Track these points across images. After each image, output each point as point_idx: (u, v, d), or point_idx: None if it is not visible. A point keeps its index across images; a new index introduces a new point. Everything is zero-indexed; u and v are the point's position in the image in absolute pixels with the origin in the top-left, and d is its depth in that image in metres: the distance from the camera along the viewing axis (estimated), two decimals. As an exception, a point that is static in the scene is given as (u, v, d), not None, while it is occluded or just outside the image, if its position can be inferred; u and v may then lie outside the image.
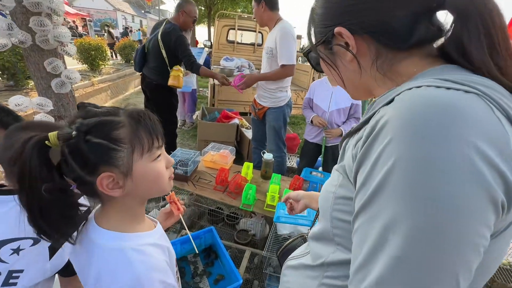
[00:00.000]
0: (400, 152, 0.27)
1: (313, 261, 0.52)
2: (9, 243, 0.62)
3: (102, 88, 5.68)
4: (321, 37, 0.43)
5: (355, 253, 0.33)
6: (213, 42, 5.44)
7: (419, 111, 0.28)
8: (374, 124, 0.32)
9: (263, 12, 1.84)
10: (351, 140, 0.42)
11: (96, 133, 0.45)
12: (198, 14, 2.99)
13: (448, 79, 0.30)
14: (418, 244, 0.26)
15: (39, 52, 1.04)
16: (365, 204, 0.31)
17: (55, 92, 1.12)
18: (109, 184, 0.48)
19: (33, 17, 0.95)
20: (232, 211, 1.99)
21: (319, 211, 0.68)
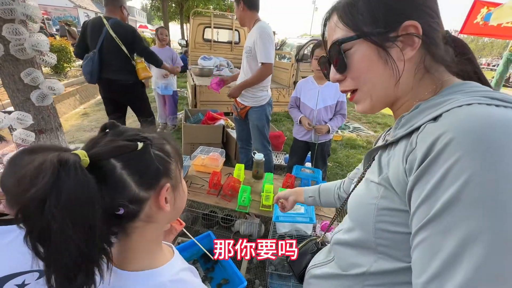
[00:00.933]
0: (474, 168, 0.29)
1: (343, 270, 0.53)
2: (13, 278, 0.57)
3: (70, 92, 5.29)
4: (385, 27, 0.41)
5: (423, 264, 0.33)
6: (188, 41, 5.29)
7: (485, 128, 0.30)
8: (432, 142, 0.33)
9: (242, 12, 1.88)
10: (390, 153, 0.44)
11: (156, 146, 0.45)
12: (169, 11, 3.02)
13: (492, 97, 0.34)
14: (504, 253, 0.28)
15: (14, 62, 0.95)
16: (434, 217, 0.32)
17: (34, 105, 1.03)
18: (167, 197, 0.46)
19: (6, 24, 0.87)
20: (226, 213, 1.99)
21: (337, 216, 0.72)
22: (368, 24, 0.42)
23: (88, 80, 2.24)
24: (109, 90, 2.33)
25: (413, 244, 0.36)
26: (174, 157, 0.49)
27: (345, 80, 0.48)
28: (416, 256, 0.35)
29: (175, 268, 0.50)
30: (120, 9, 2.22)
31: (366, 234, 0.47)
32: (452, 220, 0.31)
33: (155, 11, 11.40)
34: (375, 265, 0.46)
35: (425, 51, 0.42)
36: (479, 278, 0.28)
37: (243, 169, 1.88)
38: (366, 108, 0.48)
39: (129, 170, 0.40)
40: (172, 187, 0.47)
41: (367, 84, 0.46)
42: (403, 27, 0.40)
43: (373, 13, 0.41)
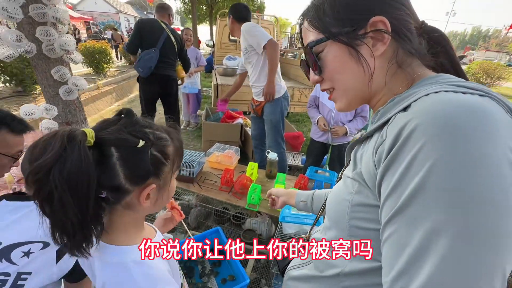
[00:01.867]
0: (438, 154, 0.28)
1: (320, 271, 0.52)
2: (21, 246, 0.65)
3: (108, 90, 5.75)
4: (352, 26, 0.40)
5: (391, 260, 0.32)
6: (215, 42, 5.44)
7: (449, 113, 0.29)
8: (399, 131, 0.32)
9: (231, 24, 2.09)
10: (364, 147, 0.43)
11: (157, 146, 0.47)
12: (200, 13, 3.48)
13: (460, 85, 0.33)
14: (469, 243, 0.26)
15: (46, 60, 1.07)
16: (400, 208, 0.31)
17: (62, 99, 1.14)
18: (149, 195, 0.49)
19: (39, 27, 0.98)
20: (238, 211, 2.01)
21: (319, 215, 0.69)
22: (335, 25, 0.42)
23: (142, 73, 2.49)
24: (158, 84, 2.65)
25: (382, 239, 0.34)
26: (173, 159, 0.51)
27: (323, 81, 0.49)
28: (384, 252, 0.33)
29: None
30: (168, 16, 2.63)
31: (341, 232, 0.45)
32: (417, 211, 0.29)
33: (187, 14, 11.94)
34: (349, 265, 0.45)
35: (397, 44, 0.40)
36: (445, 272, 0.27)
37: (256, 167, 1.88)
38: (343, 106, 0.48)
39: (122, 162, 0.43)
40: (158, 187, 0.50)
41: (341, 83, 0.46)
42: (370, 23, 0.39)
43: (338, 14, 0.41)
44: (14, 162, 0.85)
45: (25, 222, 0.68)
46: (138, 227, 0.57)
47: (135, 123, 0.47)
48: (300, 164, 2.72)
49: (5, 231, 0.67)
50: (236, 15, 2.03)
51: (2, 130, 0.79)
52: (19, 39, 0.95)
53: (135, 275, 0.48)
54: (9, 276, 0.63)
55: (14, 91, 4.55)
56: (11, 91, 4.57)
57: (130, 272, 0.48)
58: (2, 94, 4.45)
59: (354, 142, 0.48)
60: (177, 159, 0.53)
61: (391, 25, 0.39)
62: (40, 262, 0.66)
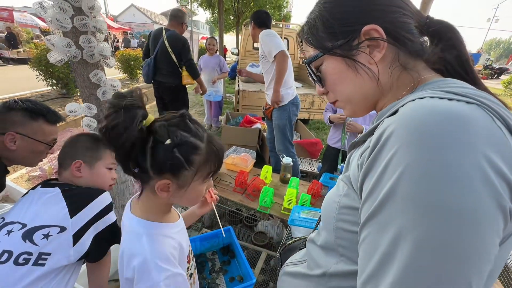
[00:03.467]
0: (408, 160, 0.28)
1: (310, 270, 0.52)
2: (42, 229, 0.73)
3: (139, 94, 6.17)
4: (343, 38, 0.41)
5: (363, 264, 0.32)
6: (240, 50, 5.63)
7: (425, 119, 0.28)
8: (379, 135, 0.32)
9: (253, 30, 2.15)
10: (357, 151, 0.43)
11: (181, 150, 0.52)
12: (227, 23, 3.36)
13: (449, 91, 0.32)
14: (431, 253, 0.26)
15: (84, 65, 1.22)
16: (373, 213, 0.31)
17: (96, 100, 1.29)
18: (164, 188, 0.55)
19: (82, 35, 1.13)
20: (251, 213, 2.04)
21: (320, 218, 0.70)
22: (328, 39, 0.43)
23: (145, 81, 2.70)
24: (158, 90, 2.76)
25: (359, 242, 0.35)
26: (199, 167, 0.55)
27: (328, 93, 0.50)
28: (360, 255, 0.34)
29: (160, 230, 0.60)
30: (181, 25, 2.61)
31: (329, 234, 0.46)
32: (387, 216, 0.30)
33: (215, 23, 12.48)
34: (334, 266, 0.45)
35: (397, 48, 0.40)
36: (407, 279, 0.27)
37: (270, 171, 1.91)
38: (350, 113, 0.49)
39: (152, 150, 0.51)
40: (176, 185, 0.56)
41: (342, 94, 0.47)
42: (363, 33, 0.40)
43: (329, 28, 0.42)
44: (49, 149, 0.97)
45: (47, 207, 0.78)
46: (163, 211, 0.64)
47: (180, 124, 0.54)
48: (316, 171, 2.69)
49: (31, 214, 0.76)
50: (257, 21, 2.09)
51: (39, 120, 0.91)
52: (69, 46, 1.11)
53: (144, 245, 0.55)
54: (32, 255, 0.71)
55: (59, 94, 5.08)
56: (57, 93, 5.11)
57: (141, 241, 0.56)
58: (50, 96, 4.99)
59: (351, 145, 0.48)
60: (205, 170, 0.57)
61: (385, 30, 0.39)
62: (57, 244, 0.74)
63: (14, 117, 0.87)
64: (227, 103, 5.93)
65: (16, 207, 0.81)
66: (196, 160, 0.54)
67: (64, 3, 1.02)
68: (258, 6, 9.63)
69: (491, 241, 0.26)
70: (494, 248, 0.26)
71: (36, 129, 0.90)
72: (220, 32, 6.37)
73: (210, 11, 10.85)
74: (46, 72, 4.55)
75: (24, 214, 0.77)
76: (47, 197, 0.79)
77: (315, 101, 3.87)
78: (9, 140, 0.86)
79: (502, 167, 0.26)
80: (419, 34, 0.41)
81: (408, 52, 0.40)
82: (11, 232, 0.73)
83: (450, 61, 0.41)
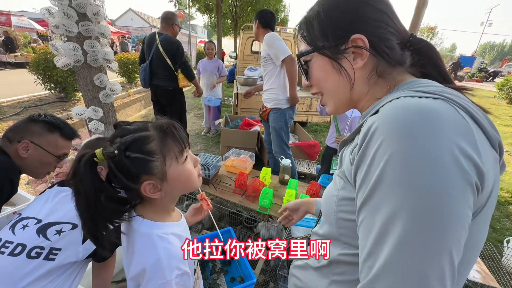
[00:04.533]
0: (392, 149, 0.33)
1: (318, 262, 0.56)
2: (56, 225, 0.77)
3: (137, 98, 6.19)
4: (335, 41, 0.45)
5: (362, 244, 0.37)
6: (238, 53, 5.68)
7: (402, 115, 0.34)
8: (366, 131, 0.37)
9: (257, 29, 2.16)
10: (347, 148, 0.48)
11: (133, 149, 0.54)
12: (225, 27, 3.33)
13: (419, 91, 0.38)
14: (418, 226, 0.30)
15: (88, 69, 1.25)
16: (366, 198, 0.36)
17: (98, 102, 1.31)
18: (151, 189, 0.57)
19: (86, 40, 1.16)
20: (251, 214, 2.06)
21: (321, 214, 0.73)
22: (320, 39, 0.47)
23: (142, 86, 2.73)
24: (155, 94, 2.78)
25: (357, 226, 0.39)
26: (161, 150, 0.56)
27: (312, 86, 0.54)
28: (359, 237, 0.38)
29: (169, 229, 0.62)
30: (172, 26, 2.61)
31: (331, 226, 0.50)
32: (378, 199, 0.34)
33: (213, 27, 12.57)
34: (338, 253, 0.49)
35: (376, 59, 0.45)
36: (402, 250, 0.31)
37: (269, 172, 1.93)
38: (332, 109, 0.54)
39: (118, 169, 0.54)
40: (159, 180, 0.57)
41: (326, 90, 0.52)
42: (351, 40, 0.44)
43: (323, 30, 0.47)
44: (57, 162, 1.00)
45: (61, 204, 0.81)
46: (166, 210, 0.66)
47: (118, 133, 0.56)
48: (314, 172, 2.72)
49: (46, 211, 0.80)
50: (262, 20, 2.10)
51: (55, 134, 0.96)
52: (76, 50, 1.14)
53: (157, 245, 0.57)
54: (44, 250, 0.74)
55: (57, 97, 5.07)
56: (55, 97, 5.10)
57: (153, 242, 0.57)
58: (48, 99, 4.99)
59: (341, 143, 0.52)
60: (170, 150, 0.57)
61: (370, 42, 0.43)
62: (68, 240, 0.77)
63: (33, 128, 0.93)
64: (225, 106, 5.97)
65: (32, 203, 0.84)
66: (154, 147, 0.55)
67: (69, 9, 1.05)
68: (255, 11, 9.75)
69: (464, 212, 0.31)
70: (467, 217, 0.31)
71: (50, 141, 0.95)
72: (218, 36, 6.43)
73: (208, 16, 10.95)
74: (45, 76, 4.56)
75: (40, 210, 0.80)
76: (62, 195, 0.83)
77: (313, 104, 3.91)
78: (22, 148, 0.90)
79: (468, 150, 0.31)
80: (400, 49, 0.45)
81: (387, 63, 0.45)
82: (26, 227, 0.76)
83: (427, 68, 0.47)
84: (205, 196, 0.95)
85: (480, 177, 0.32)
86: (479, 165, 0.31)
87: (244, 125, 3.14)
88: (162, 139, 0.57)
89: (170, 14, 2.61)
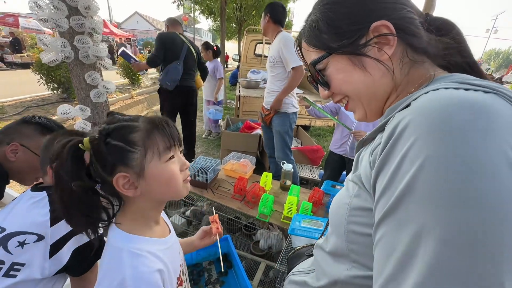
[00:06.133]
0: (429, 151, 0.26)
1: (317, 281, 0.49)
2: (18, 235, 0.66)
3: (140, 100, 6.18)
4: (351, 37, 0.40)
5: (380, 266, 0.30)
6: (241, 56, 5.65)
7: (443, 109, 0.27)
8: (392, 129, 0.31)
9: (267, 23, 1.98)
10: (366, 150, 0.41)
11: (114, 136, 0.49)
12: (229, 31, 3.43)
13: (464, 82, 0.31)
14: (458, 250, 0.23)
15: (81, 66, 1.19)
16: (390, 210, 0.29)
17: (92, 101, 1.25)
18: (125, 184, 0.51)
19: (77, 36, 1.10)
20: (250, 221, 1.97)
21: (328, 224, 0.66)
22: (333, 40, 0.42)
23: (169, 87, 2.51)
24: (183, 96, 2.70)
25: (374, 243, 0.32)
26: (144, 143, 0.51)
27: (334, 94, 0.48)
28: (376, 257, 0.31)
29: (145, 246, 0.53)
30: (181, 28, 2.67)
31: (339, 238, 0.43)
32: (406, 212, 0.27)
33: (217, 31, 12.64)
34: (346, 273, 0.41)
35: (405, 44, 0.39)
36: (432, 278, 0.24)
37: (270, 177, 1.85)
38: (360, 116, 0.47)
39: (95, 156, 0.50)
40: (135, 175, 0.51)
41: (352, 92, 0.45)
42: (372, 30, 0.39)
43: (335, 28, 0.41)
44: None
45: (30, 212, 0.71)
46: (146, 220, 0.58)
47: (107, 121, 0.53)
48: (317, 178, 2.63)
49: (13, 218, 0.70)
50: (274, 14, 1.91)
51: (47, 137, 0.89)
52: (64, 46, 1.08)
53: (125, 263, 0.49)
54: (3, 264, 0.64)
55: (60, 98, 5.08)
56: (57, 97, 5.11)
57: (121, 258, 0.49)
58: (50, 99, 4.99)
59: (359, 144, 0.46)
60: (154, 145, 0.52)
61: (394, 25, 0.37)
62: (32, 254, 0.67)
63: (25, 130, 0.87)
64: (227, 109, 5.92)
65: (3, 210, 0.75)
66: (136, 138, 0.50)
67: (59, 2, 1.00)
68: (260, 15, 9.77)
69: None
70: None
71: (41, 144, 0.87)
72: (222, 39, 6.42)
73: (212, 19, 11.00)
74: (48, 76, 4.57)
75: (5, 218, 0.71)
76: (32, 201, 0.73)
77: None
78: (10, 150, 0.84)
79: None
80: (425, 31, 0.40)
81: (415, 49, 0.39)
82: None
83: (454, 57, 0.40)
84: (217, 219, 0.90)
85: None
86: None
87: (246, 128, 3.08)
88: (149, 132, 0.52)
89: (177, 17, 2.90)
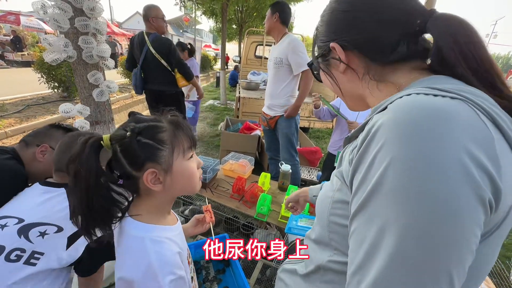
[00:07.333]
0: (394, 153, 0.29)
1: (305, 268, 0.53)
2: (39, 226, 0.71)
3: (140, 99, 6.20)
4: (320, 51, 0.49)
5: (352, 256, 0.33)
6: (241, 57, 5.68)
7: (409, 114, 0.29)
8: (368, 130, 0.33)
9: (274, 22, 1.93)
10: (349, 147, 0.44)
11: (145, 135, 0.54)
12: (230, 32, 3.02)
13: (435, 88, 0.32)
14: (413, 242, 0.27)
15: (84, 65, 1.21)
16: (361, 206, 0.32)
17: (94, 100, 1.28)
18: (153, 179, 0.55)
19: (82, 36, 1.13)
20: (248, 221, 1.99)
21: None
22: (316, 50, 0.52)
23: (136, 92, 2.49)
24: (156, 100, 2.54)
25: (349, 234, 0.36)
26: (172, 143, 0.56)
27: None
28: (350, 247, 0.35)
29: (163, 233, 0.59)
30: (149, 23, 2.25)
31: (323, 229, 0.47)
32: (373, 209, 0.31)
33: (218, 32, 12.70)
34: (328, 260, 0.46)
35: (365, 58, 0.43)
36: (392, 267, 0.28)
37: (268, 178, 1.88)
38: (349, 107, 0.55)
39: (123, 153, 0.53)
40: (163, 171, 0.56)
41: (334, 89, 0.52)
42: (331, 49, 0.45)
43: (318, 41, 0.50)
44: None
45: (48, 205, 0.75)
46: (161, 211, 0.64)
47: (132, 120, 0.57)
48: (315, 179, 2.66)
49: (30, 210, 0.74)
50: (283, 15, 1.89)
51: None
52: (66, 46, 1.11)
53: (149, 249, 0.53)
54: (24, 253, 0.68)
55: (61, 96, 5.09)
56: (58, 96, 5.12)
57: (145, 246, 0.54)
58: (51, 98, 5.01)
59: (345, 140, 0.49)
60: (179, 144, 0.57)
61: (354, 44, 0.42)
62: (52, 244, 0.72)
63: (55, 133, 0.94)
64: (227, 110, 5.95)
65: (12, 202, 0.79)
66: (165, 137, 0.55)
67: (64, 4, 1.02)
68: (261, 17, 9.80)
69: (470, 230, 0.26)
70: (474, 238, 0.27)
71: None
72: (223, 40, 6.46)
73: (214, 20, 11.06)
74: (49, 75, 4.58)
75: (21, 209, 0.74)
76: (50, 195, 0.77)
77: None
78: (40, 151, 0.89)
79: (483, 160, 0.26)
80: (405, 42, 0.40)
81: (382, 64, 0.42)
82: (5, 226, 0.70)
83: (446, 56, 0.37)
84: (210, 209, 0.95)
85: (496, 194, 0.27)
86: (495, 180, 0.26)
87: (245, 129, 3.10)
88: (174, 131, 0.57)
89: (145, 8, 2.25)
